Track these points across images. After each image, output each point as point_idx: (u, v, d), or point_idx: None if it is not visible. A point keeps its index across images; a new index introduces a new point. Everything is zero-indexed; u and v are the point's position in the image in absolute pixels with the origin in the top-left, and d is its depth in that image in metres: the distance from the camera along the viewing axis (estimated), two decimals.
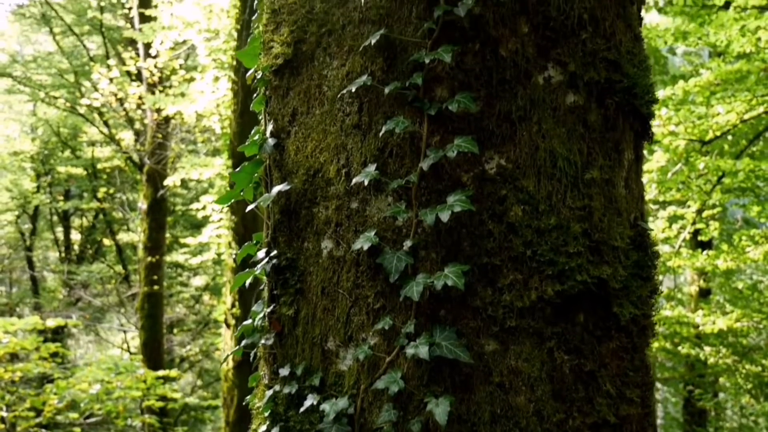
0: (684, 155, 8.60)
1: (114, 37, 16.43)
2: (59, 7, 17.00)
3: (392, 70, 1.50)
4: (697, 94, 8.29)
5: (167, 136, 12.67)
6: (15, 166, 19.63)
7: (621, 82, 1.55)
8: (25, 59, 18.42)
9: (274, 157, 1.67)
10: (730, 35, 7.80)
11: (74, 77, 16.60)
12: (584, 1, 1.52)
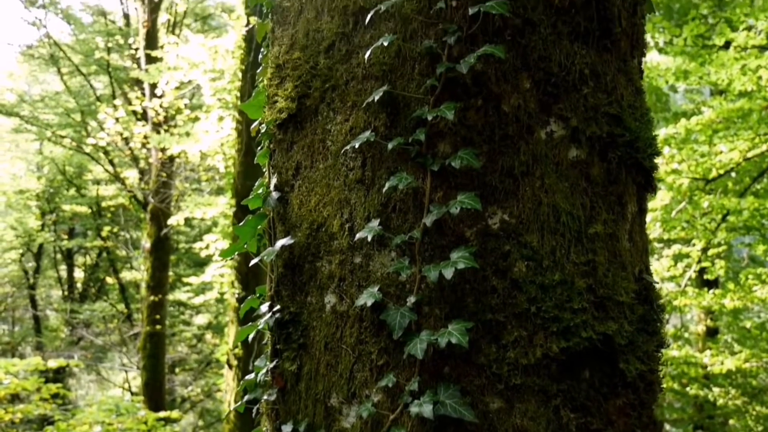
0: (688, 193, 8.61)
1: (120, 77, 16.64)
2: (67, 48, 17.27)
3: (395, 125, 1.51)
4: (700, 132, 8.33)
5: (171, 175, 12.75)
6: (20, 205, 19.74)
7: (623, 136, 1.55)
8: (32, 99, 18.65)
9: (278, 210, 1.67)
10: (731, 74, 7.86)
11: (81, 116, 16.77)
12: (585, 56, 1.54)
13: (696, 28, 7.28)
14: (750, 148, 8.11)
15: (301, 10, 1.67)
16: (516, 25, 1.49)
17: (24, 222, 19.33)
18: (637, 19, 1.67)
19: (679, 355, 8.88)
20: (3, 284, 21.58)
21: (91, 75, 16.95)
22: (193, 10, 16.80)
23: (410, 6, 1.52)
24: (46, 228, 19.69)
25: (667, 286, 11.05)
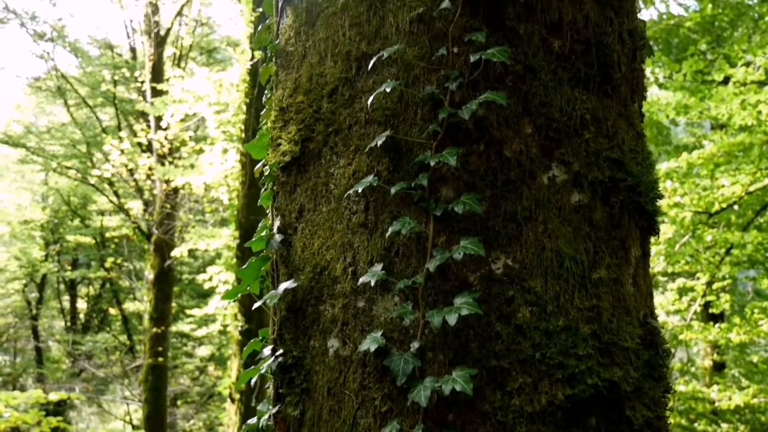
0: (691, 227, 8.59)
1: (126, 109, 16.80)
2: (74, 80, 17.46)
3: (398, 170, 1.51)
4: (701, 166, 8.35)
5: (175, 206, 12.78)
6: (25, 235, 19.78)
7: (625, 180, 1.56)
8: (39, 130, 18.81)
9: (281, 253, 1.67)
10: (731, 109, 7.90)
11: (86, 147, 16.89)
12: (586, 102, 1.55)
13: (695, 64, 7.35)
14: (752, 182, 8.11)
15: (305, 55, 1.69)
16: (517, 72, 1.51)
17: (28, 252, 19.35)
18: (636, 64, 1.68)
19: (687, 390, 8.78)
20: (5, 315, 21.54)
21: (97, 107, 17.11)
22: (198, 44, 17.01)
23: (412, 52, 1.53)
24: (49, 258, 19.70)
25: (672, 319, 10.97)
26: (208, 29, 17.09)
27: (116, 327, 19.58)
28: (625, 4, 1.66)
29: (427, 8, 1.54)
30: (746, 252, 8.42)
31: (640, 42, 1.69)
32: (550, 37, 1.54)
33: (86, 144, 16.47)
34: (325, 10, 1.66)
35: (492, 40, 1.50)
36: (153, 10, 13.41)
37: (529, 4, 1.54)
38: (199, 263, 17.47)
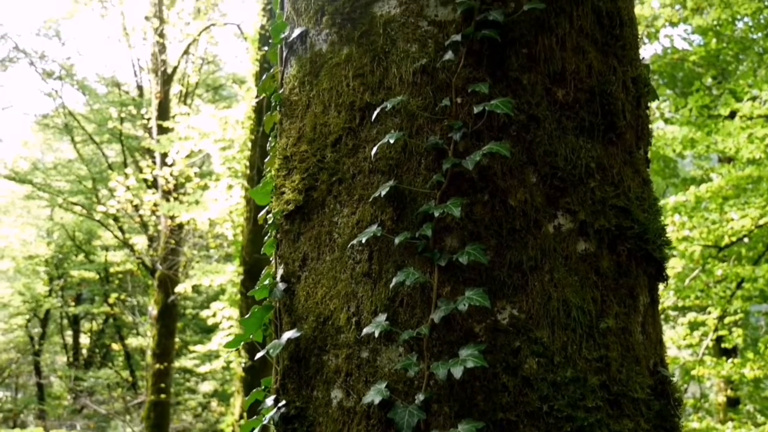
0: (700, 261, 8.54)
1: (132, 145, 16.94)
2: (81, 117, 17.64)
3: (402, 219, 1.51)
4: (710, 200, 8.33)
5: (180, 242, 12.80)
6: (29, 270, 19.81)
7: (632, 228, 1.55)
8: (45, 166, 18.96)
9: (284, 301, 1.66)
10: (738, 143, 7.92)
11: (92, 183, 17.00)
12: (591, 150, 1.55)
13: (701, 99, 7.38)
14: (761, 215, 8.08)
15: (309, 105, 1.70)
16: (521, 121, 1.51)
17: (32, 288, 19.35)
18: (641, 111, 1.68)
19: (700, 427, 8.62)
20: (8, 350, 21.45)
21: (103, 143, 17.27)
22: (204, 81, 17.22)
23: (416, 103, 1.54)
24: (53, 294, 19.68)
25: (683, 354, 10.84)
26: (214, 67, 17.31)
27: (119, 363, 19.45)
28: (629, 52, 1.67)
29: (431, 59, 1.55)
30: (758, 286, 8.34)
31: (644, 89, 1.69)
32: (553, 87, 1.55)
33: (92, 180, 16.58)
34: (329, 60, 1.67)
35: (495, 91, 1.51)
36: (160, 48, 13.60)
37: (532, 54, 1.55)
38: (203, 298, 17.42)
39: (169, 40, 14.72)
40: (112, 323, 19.17)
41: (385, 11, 1.62)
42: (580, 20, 1.60)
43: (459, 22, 1.56)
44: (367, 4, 1.64)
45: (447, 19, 1.57)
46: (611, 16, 1.65)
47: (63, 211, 18.06)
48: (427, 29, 1.58)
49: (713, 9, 8.76)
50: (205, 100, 17.55)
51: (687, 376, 8.88)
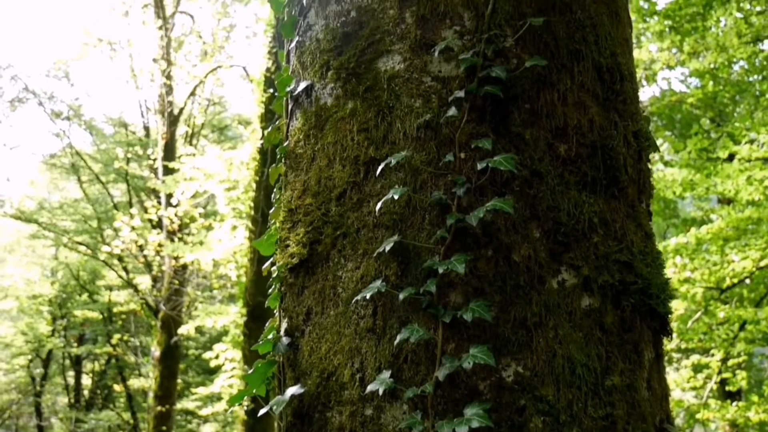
0: (703, 303, 8.49)
1: (138, 185, 17.04)
2: (88, 157, 17.79)
3: (406, 275, 1.51)
4: (710, 242, 8.32)
5: (184, 283, 12.78)
6: (32, 310, 19.74)
7: (635, 283, 1.54)
8: (51, 206, 19.05)
9: (288, 356, 1.65)
10: (737, 185, 7.94)
11: (97, 223, 17.05)
12: (593, 205, 1.56)
13: (699, 142, 7.44)
14: (762, 257, 8.06)
15: (314, 158, 1.72)
16: (524, 176, 1.52)
17: (35, 327, 19.26)
18: (642, 164, 1.70)
19: None
20: (9, 391, 21.25)
21: (109, 183, 17.38)
22: (210, 122, 17.40)
23: (419, 157, 1.55)
24: (56, 333, 19.58)
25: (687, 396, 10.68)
26: (220, 108, 17.51)
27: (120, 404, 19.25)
28: (629, 106, 1.69)
29: (434, 115, 1.57)
30: (761, 328, 8.28)
31: (645, 143, 1.71)
32: (556, 142, 1.56)
33: (97, 219, 16.64)
34: (334, 114, 1.69)
35: (498, 146, 1.52)
36: (167, 90, 13.78)
37: (535, 110, 1.57)
38: (206, 338, 17.31)
39: (176, 82, 14.93)
40: (114, 364, 19.02)
41: (389, 67, 1.65)
42: (581, 76, 1.63)
43: (462, 77, 1.58)
44: (371, 59, 1.67)
45: (450, 75, 1.59)
46: (611, 72, 1.68)
47: (68, 250, 18.08)
48: (431, 85, 1.60)
49: (710, 53, 8.88)
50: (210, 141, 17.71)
51: (692, 419, 8.75)
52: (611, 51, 1.69)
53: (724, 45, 8.56)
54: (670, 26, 8.96)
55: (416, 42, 1.63)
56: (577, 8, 1.67)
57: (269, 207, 1.95)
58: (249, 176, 10.22)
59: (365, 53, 1.68)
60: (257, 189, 9.81)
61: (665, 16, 9.09)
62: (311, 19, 1.83)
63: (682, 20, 9.06)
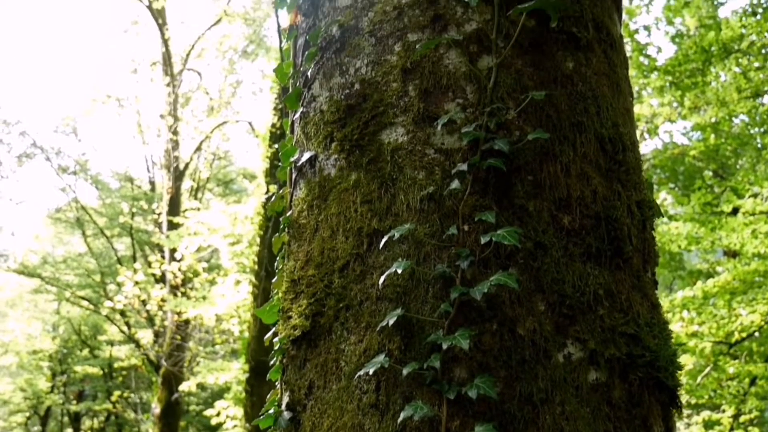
0: (711, 358, 8.37)
1: (142, 239, 17.08)
2: (93, 211, 17.89)
3: (410, 349, 1.49)
4: (717, 295, 8.26)
5: (186, 338, 12.67)
6: (32, 365, 19.55)
7: (643, 356, 1.52)
8: (55, 260, 19.06)
9: (290, 431, 1.62)
10: (742, 238, 7.93)
11: (100, 277, 17.03)
12: (598, 276, 1.55)
13: (703, 196, 7.46)
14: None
15: (317, 229, 1.72)
16: (528, 249, 1.52)
17: (34, 384, 19.03)
18: (647, 234, 1.69)
19: None
20: None
21: (114, 237, 17.43)
22: (216, 175, 17.54)
23: (423, 230, 1.55)
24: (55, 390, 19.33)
25: None
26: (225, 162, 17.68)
27: None
28: (632, 176, 1.69)
29: (437, 187, 1.57)
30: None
31: (649, 212, 1.71)
32: (559, 214, 1.56)
33: (101, 274, 16.63)
34: (338, 185, 1.70)
35: (502, 219, 1.52)
36: (173, 145, 13.95)
37: (538, 181, 1.57)
38: (207, 394, 17.06)
39: (183, 137, 15.12)
40: (113, 421, 18.71)
41: (392, 139, 1.66)
42: (583, 147, 1.64)
43: (465, 150, 1.59)
44: (374, 131, 1.69)
45: (453, 147, 1.61)
46: (614, 142, 1.69)
47: (70, 305, 18.02)
48: (434, 157, 1.61)
49: (710, 107, 8.98)
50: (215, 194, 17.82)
51: None
52: (613, 122, 1.71)
53: (724, 100, 8.67)
54: (670, 82, 9.08)
55: (419, 115, 1.64)
56: (578, 80, 1.69)
57: (273, 262, 1.95)
58: (253, 231, 10.25)
59: (368, 125, 1.69)
60: (261, 244, 9.82)
61: (665, 72, 9.22)
62: (315, 91, 1.86)
63: (682, 76, 9.20)
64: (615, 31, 1.87)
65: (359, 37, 1.78)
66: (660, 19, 10.98)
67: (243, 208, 10.95)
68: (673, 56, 9.30)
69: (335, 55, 1.82)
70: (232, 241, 11.15)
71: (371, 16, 1.78)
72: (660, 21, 11.04)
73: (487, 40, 1.67)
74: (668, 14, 10.17)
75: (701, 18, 9.61)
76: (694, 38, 9.46)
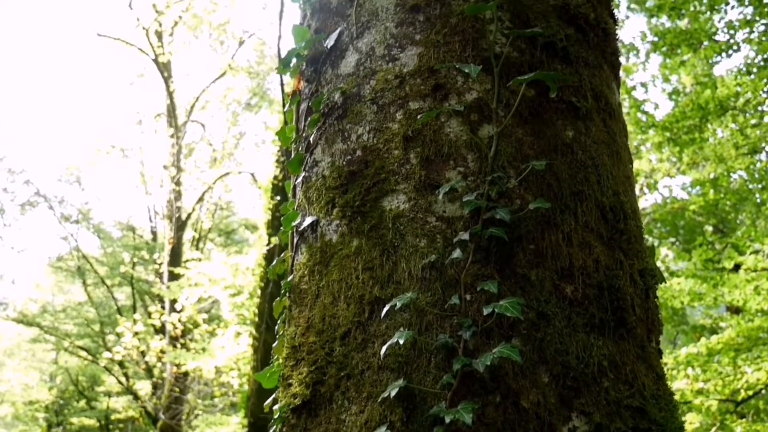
0: (718, 416, 8.23)
1: (143, 288, 17.01)
2: (94, 260, 17.87)
3: (412, 421, 1.46)
4: (722, 352, 8.17)
5: (185, 390, 12.50)
6: (28, 417, 19.24)
7: (649, 429, 1.49)
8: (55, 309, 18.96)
9: None
10: (745, 294, 7.89)
11: (100, 327, 16.90)
12: (602, 347, 1.53)
13: (704, 253, 7.45)
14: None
15: (318, 295, 1.71)
16: (531, 319, 1.50)
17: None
18: (650, 303, 1.68)
19: None
20: None
21: (114, 287, 17.36)
22: (217, 226, 17.58)
23: (425, 298, 1.54)
24: None
25: None
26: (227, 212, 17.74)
27: None
28: (634, 245, 1.69)
29: (439, 255, 1.57)
30: None
31: (652, 281, 1.70)
32: (562, 283, 1.56)
33: (100, 323, 16.52)
34: (339, 252, 1.70)
35: (504, 288, 1.52)
36: (176, 196, 14.02)
37: (540, 250, 1.57)
38: None
39: (185, 187, 15.21)
40: None
41: (394, 206, 1.67)
42: (585, 216, 1.64)
43: (467, 218, 1.60)
44: (376, 198, 1.69)
45: (455, 215, 1.61)
46: (615, 211, 1.70)
47: (68, 355, 17.85)
48: (436, 225, 1.62)
49: (709, 163, 9.04)
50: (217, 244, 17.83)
51: None
52: (613, 190, 1.72)
53: (722, 156, 8.74)
54: (668, 138, 9.17)
55: (421, 182, 1.66)
56: (578, 149, 1.71)
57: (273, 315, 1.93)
58: (254, 282, 10.21)
59: (370, 192, 1.70)
60: (262, 296, 9.77)
61: (663, 128, 9.32)
62: (318, 156, 1.87)
63: (679, 132, 9.29)
64: (613, 100, 1.90)
65: (361, 104, 1.81)
66: (656, 76, 11.18)
67: (244, 259, 10.94)
68: (670, 113, 9.41)
69: (337, 121, 1.85)
70: (233, 292, 11.10)
71: (373, 84, 1.81)
72: (656, 78, 11.24)
73: (488, 109, 1.69)
74: (664, 72, 10.34)
75: (697, 76, 9.78)
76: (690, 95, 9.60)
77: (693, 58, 9.37)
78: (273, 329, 1.91)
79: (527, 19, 1.81)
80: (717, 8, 9.04)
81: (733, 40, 9.18)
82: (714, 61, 10.21)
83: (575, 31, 1.85)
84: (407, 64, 1.78)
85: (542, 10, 1.83)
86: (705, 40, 9.18)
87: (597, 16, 1.93)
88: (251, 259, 10.65)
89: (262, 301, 9.77)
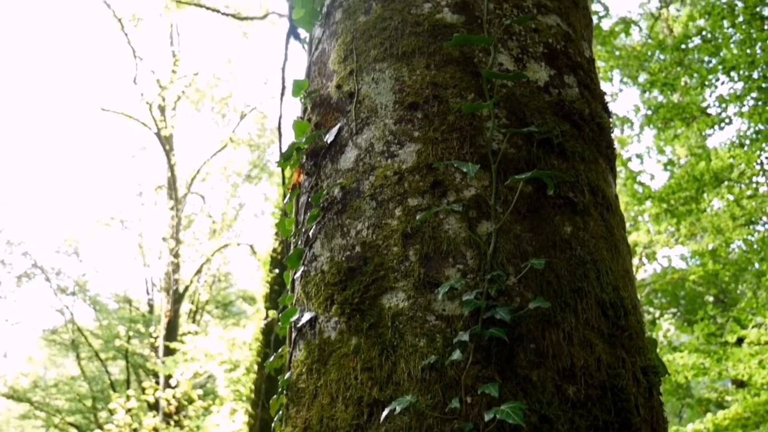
0: None
1: (137, 362, 16.73)
2: (89, 333, 17.65)
3: None
4: (729, 428, 8.00)
5: None
6: None
7: None
8: (46, 384, 18.60)
9: None
10: (749, 368, 7.79)
11: (92, 402, 16.54)
12: None
13: (706, 327, 7.39)
14: None
15: (316, 394, 1.68)
16: (533, 423, 1.47)
17: None
18: (654, 401, 1.65)
19: None
20: None
21: (108, 360, 17.09)
22: (215, 297, 17.46)
23: (425, 401, 1.51)
24: None
25: None
26: (225, 284, 17.65)
27: None
28: (636, 341, 1.67)
29: (439, 356, 1.55)
30: None
31: (655, 378, 1.67)
32: (564, 384, 1.53)
33: (92, 399, 16.17)
34: (338, 350, 1.68)
35: (505, 390, 1.49)
36: (174, 268, 13.98)
37: (540, 350, 1.55)
38: None
39: (183, 259, 15.18)
40: None
41: (393, 304, 1.65)
42: (585, 313, 1.63)
43: (467, 317, 1.58)
44: (375, 296, 1.68)
45: (454, 314, 1.60)
46: (615, 307, 1.68)
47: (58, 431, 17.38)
48: (435, 323, 1.60)
49: (706, 234, 9.08)
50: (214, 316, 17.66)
51: None
52: (613, 285, 1.71)
53: (719, 227, 8.78)
54: (665, 209, 9.24)
55: (420, 280, 1.65)
56: (576, 245, 1.71)
57: (270, 391, 1.89)
58: (251, 357, 10.06)
59: (369, 289, 1.69)
60: (259, 371, 9.61)
61: (660, 200, 9.40)
62: (317, 250, 1.87)
63: (676, 203, 9.37)
64: (610, 193, 1.92)
65: (360, 200, 1.82)
66: (651, 147, 11.35)
67: (241, 333, 10.81)
68: (666, 184, 9.51)
69: (337, 216, 1.85)
70: (229, 367, 10.92)
71: (372, 179, 1.82)
72: (651, 149, 11.41)
73: (486, 205, 1.70)
74: (659, 144, 10.51)
75: (691, 148, 9.93)
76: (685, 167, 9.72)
77: (686, 131, 9.54)
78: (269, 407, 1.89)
79: (523, 115, 1.84)
80: (708, 83, 9.26)
81: (725, 113, 9.37)
82: (707, 133, 10.40)
83: (571, 127, 1.88)
84: (406, 161, 1.80)
85: (538, 106, 1.87)
86: (697, 114, 9.37)
87: (591, 111, 1.97)
88: (248, 333, 10.52)
89: (259, 376, 9.61)
